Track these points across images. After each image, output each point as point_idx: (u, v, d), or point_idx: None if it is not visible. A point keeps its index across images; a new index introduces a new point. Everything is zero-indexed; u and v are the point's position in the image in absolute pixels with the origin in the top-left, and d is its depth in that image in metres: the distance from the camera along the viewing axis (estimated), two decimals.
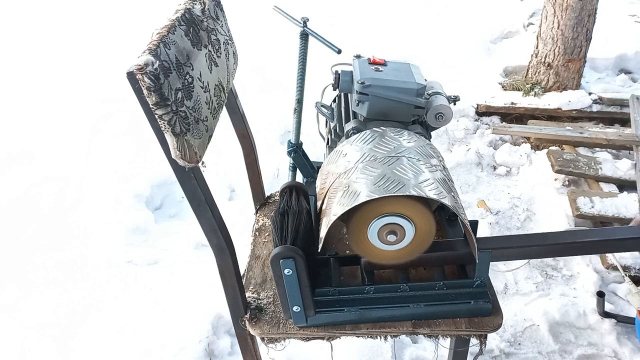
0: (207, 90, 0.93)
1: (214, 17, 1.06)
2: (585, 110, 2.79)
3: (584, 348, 1.63)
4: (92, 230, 2.13)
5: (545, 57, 2.92)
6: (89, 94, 3.16)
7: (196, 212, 0.90)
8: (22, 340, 1.68)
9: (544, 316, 1.70)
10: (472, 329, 0.99)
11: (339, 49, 1.64)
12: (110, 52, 3.61)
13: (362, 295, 0.99)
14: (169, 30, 0.85)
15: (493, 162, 2.55)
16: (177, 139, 0.80)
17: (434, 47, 3.59)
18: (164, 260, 2.00)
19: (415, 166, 0.91)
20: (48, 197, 2.32)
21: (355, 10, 4.24)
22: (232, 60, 1.13)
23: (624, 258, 1.75)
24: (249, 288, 1.11)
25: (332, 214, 0.87)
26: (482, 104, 2.89)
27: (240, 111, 1.27)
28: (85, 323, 1.74)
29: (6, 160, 2.58)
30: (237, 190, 2.36)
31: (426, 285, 0.99)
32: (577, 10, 2.72)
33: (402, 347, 1.61)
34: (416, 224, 0.91)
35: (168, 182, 2.37)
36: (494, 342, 1.64)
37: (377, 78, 1.06)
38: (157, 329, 1.69)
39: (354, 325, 1.00)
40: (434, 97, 1.12)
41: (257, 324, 1.02)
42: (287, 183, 1.10)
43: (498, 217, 2.19)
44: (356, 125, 1.09)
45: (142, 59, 0.74)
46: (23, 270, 1.95)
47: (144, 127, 1.21)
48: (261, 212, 1.38)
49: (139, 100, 0.76)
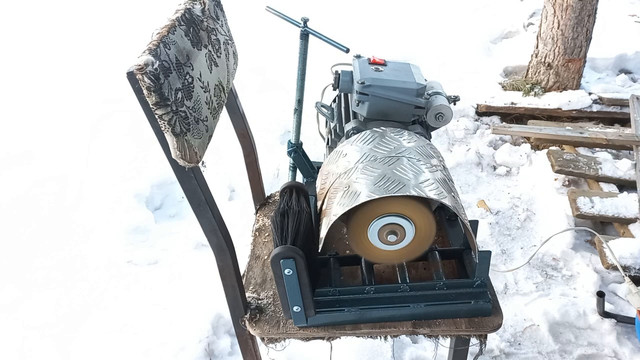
0: (207, 90, 0.93)
1: (214, 17, 1.06)
2: (585, 110, 2.79)
3: (584, 348, 1.63)
4: (92, 230, 2.13)
5: (545, 57, 2.92)
6: (89, 94, 3.16)
7: (196, 212, 0.90)
8: (22, 340, 1.68)
9: (544, 316, 1.70)
10: (472, 329, 0.99)
11: (347, 48, 1.62)
12: (110, 52, 3.61)
13: (362, 295, 0.99)
14: (169, 30, 0.85)
15: (493, 162, 2.55)
16: (177, 139, 0.80)
17: (434, 47, 3.59)
18: (164, 260, 2.00)
19: (415, 166, 0.91)
20: (48, 197, 2.32)
21: (355, 10, 4.24)
22: (232, 60, 1.13)
23: (624, 258, 1.75)
24: (249, 288, 1.11)
25: (333, 214, 0.87)
26: (482, 104, 2.89)
27: (240, 111, 1.27)
28: (85, 323, 1.74)
29: (6, 160, 2.57)
30: (237, 190, 2.36)
31: (426, 285, 0.99)
32: (577, 10, 2.72)
33: (402, 347, 1.61)
34: (416, 224, 0.91)
35: (168, 182, 2.37)
36: (494, 342, 1.64)
37: (377, 78, 1.06)
38: (157, 329, 1.69)
39: (354, 325, 1.00)
40: (434, 97, 1.12)
41: (257, 324, 1.02)
42: (287, 183, 1.10)
43: (498, 217, 2.19)
44: (356, 126, 1.09)
45: (142, 59, 0.74)
46: (23, 270, 1.95)
47: (144, 127, 1.22)
48: (261, 212, 1.38)
49: (139, 100, 0.76)
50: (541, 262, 1.95)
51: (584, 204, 2.03)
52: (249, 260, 1.21)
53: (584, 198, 2.05)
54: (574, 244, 1.99)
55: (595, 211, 2.00)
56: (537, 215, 2.19)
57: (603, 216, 2.00)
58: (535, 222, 2.16)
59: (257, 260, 1.20)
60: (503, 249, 2.04)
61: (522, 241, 2.08)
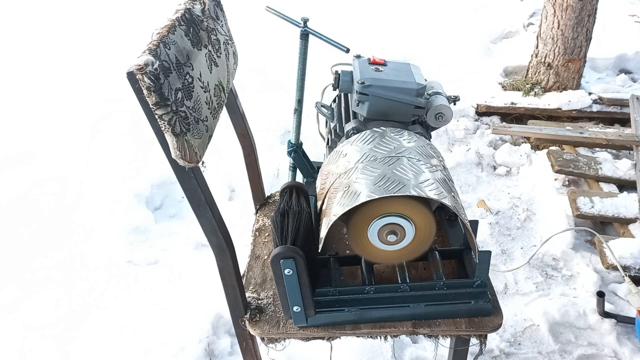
0: (207, 90, 0.93)
1: (214, 17, 1.06)
2: (585, 110, 2.79)
3: (584, 348, 1.63)
4: (92, 230, 2.13)
5: (545, 57, 2.92)
6: (89, 94, 3.16)
7: (196, 212, 0.90)
8: (22, 340, 1.68)
9: (544, 316, 1.70)
10: (472, 329, 0.99)
11: (347, 48, 1.62)
12: (110, 52, 3.61)
13: (362, 295, 0.99)
14: (169, 30, 0.85)
15: (493, 162, 2.55)
16: (177, 139, 0.80)
17: (434, 47, 3.59)
18: (164, 260, 2.00)
19: (415, 166, 0.91)
20: (48, 197, 2.32)
21: (355, 10, 4.24)
22: (232, 60, 1.13)
23: (624, 258, 1.75)
24: (249, 288, 1.11)
25: (333, 214, 0.87)
26: (482, 104, 2.89)
27: (240, 111, 1.27)
28: (85, 323, 1.74)
29: (6, 160, 2.57)
30: (237, 190, 2.36)
31: (426, 285, 0.99)
32: (577, 10, 2.72)
33: (402, 347, 1.61)
34: (416, 224, 0.91)
35: (168, 182, 2.37)
36: (494, 342, 1.64)
37: (377, 78, 1.06)
38: (157, 329, 1.69)
39: (354, 325, 1.00)
40: (434, 97, 1.12)
41: (257, 324, 1.02)
42: (287, 183, 1.10)
43: (498, 217, 2.19)
44: (356, 126, 1.09)
45: (142, 59, 0.74)
46: (23, 270, 1.95)
47: (144, 127, 1.21)
48: (261, 212, 1.38)
49: (139, 100, 0.76)
50: (541, 262, 1.96)
51: (584, 204, 2.03)
52: (249, 260, 1.21)
53: (584, 198, 2.05)
54: (574, 244, 1.99)
55: (595, 211, 2.00)
56: (537, 215, 2.19)
57: (603, 216, 2.00)
58: (535, 222, 2.16)
59: (257, 260, 1.20)
60: (503, 249, 2.04)
61: (522, 241, 2.08)
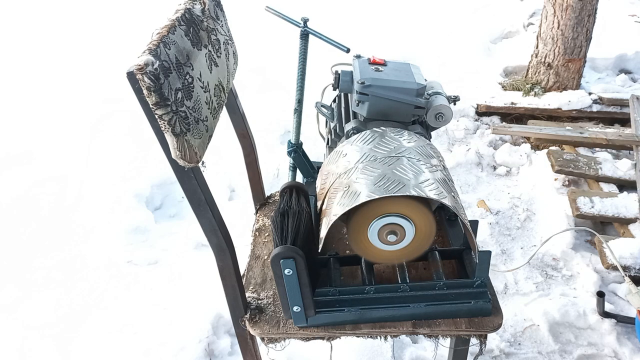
0: (207, 90, 0.93)
1: (214, 17, 1.06)
2: (585, 110, 2.79)
3: (584, 348, 1.63)
4: (92, 230, 2.13)
5: (545, 57, 2.92)
6: (89, 94, 3.16)
7: (196, 212, 0.90)
8: (22, 340, 1.68)
9: (544, 316, 1.70)
10: (472, 329, 0.99)
11: (347, 48, 1.62)
12: (110, 52, 3.61)
13: (362, 295, 0.99)
14: (169, 30, 0.85)
15: (493, 162, 2.55)
16: (177, 139, 0.80)
17: (434, 47, 3.59)
18: (164, 260, 2.00)
19: (415, 166, 0.91)
20: (48, 197, 2.32)
21: (355, 10, 4.24)
22: (232, 60, 1.13)
23: (624, 258, 1.75)
24: (249, 288, 1.11)
25: (333, 214, 0.87)
26: (482, 104, 2.89)
27: (240, 111, 1.27)
28: (85, 323, 1.74)
29: (6, 160, 2.57)
30: (237, 190, 2.36)
31: (426, 285, 0.99)
32: (577, 10, 2.72)
33: (402, 347, 1.61)
34: (416, 224, 0.91)
35: (168, 182, 2.37)
36: (494, 342, 1.64)
37: (377, 78, 1.06)
38: (157, 329, 1.69)
39: (354, 325, 1.00)
40: (434, 97, 1.12)
41: (257, 324, 1.02)
42: (287, 183, 1.10)
43: (498, 217, 2.19)
44: (356, 126, 1.09)
45: (142, 59, 0.74)
46: (23, 270, 1.95)
47: (144, 127, 1.21)
48: (261, 212, 1.38)
49: (139, 100, 0.76)
50: (541, 262, 1.95)
51: (584, 204, 2.03)
52: (249, 260, 1.21)
53: (584, 198, 2.05)
54: (574, 244, 1.99)
55: (595, 211, 2.00)
56: (537, 215, 2.19)
57: (603, 216, 2.00)
58: (535, 222, 2.16)
59: (257, 260, 1.20)
60: (503, 249, 2.04)
61: (522, 241, 2.08)
